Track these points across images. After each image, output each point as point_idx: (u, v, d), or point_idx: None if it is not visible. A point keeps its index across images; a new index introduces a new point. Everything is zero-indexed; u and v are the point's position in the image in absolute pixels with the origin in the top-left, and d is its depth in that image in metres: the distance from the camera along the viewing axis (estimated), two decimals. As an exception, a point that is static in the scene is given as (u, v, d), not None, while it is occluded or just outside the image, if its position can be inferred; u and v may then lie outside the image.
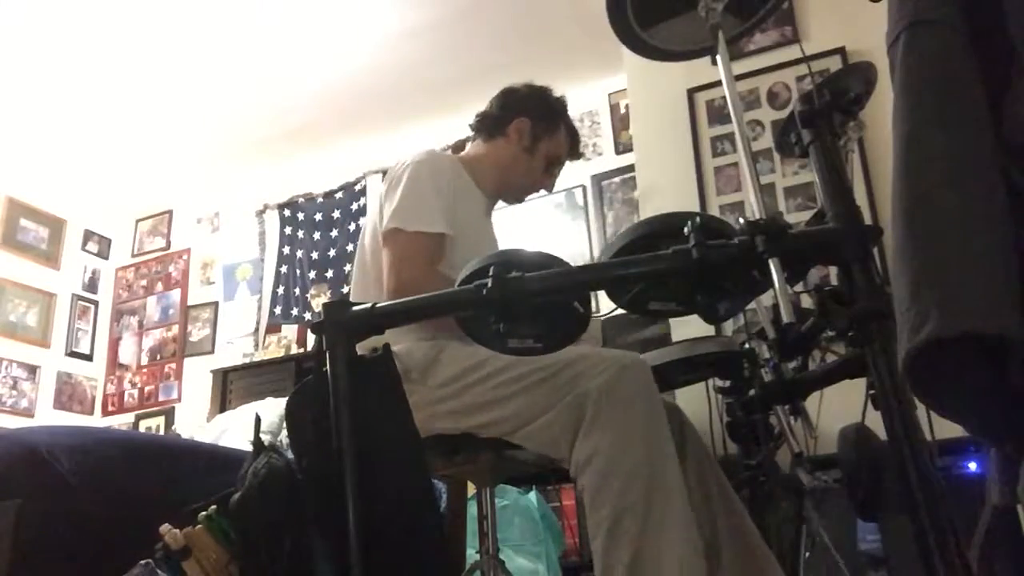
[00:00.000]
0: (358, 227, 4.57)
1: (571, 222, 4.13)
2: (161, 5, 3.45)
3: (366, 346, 1.16)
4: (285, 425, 1.19)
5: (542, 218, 4.07)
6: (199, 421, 4.32)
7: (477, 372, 1.43)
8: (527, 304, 1.04)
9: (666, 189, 3.01)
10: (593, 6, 1.84)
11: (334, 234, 4.69)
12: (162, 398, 4.91)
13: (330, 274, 4.63)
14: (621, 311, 1.21)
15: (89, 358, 5.08)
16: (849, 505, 1.33)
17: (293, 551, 1.11)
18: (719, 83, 2.40)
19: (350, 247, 4.57)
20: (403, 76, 4.03)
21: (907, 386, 0.80)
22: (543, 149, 1.82)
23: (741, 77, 2.85)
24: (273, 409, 3.16)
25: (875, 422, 1.02)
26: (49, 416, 4.67)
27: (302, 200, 4.85)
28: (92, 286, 5.20)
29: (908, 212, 0.78)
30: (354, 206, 4.66)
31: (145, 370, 5.03)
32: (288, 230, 4.86)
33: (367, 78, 4.04)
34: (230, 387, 4.18)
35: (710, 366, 1.74)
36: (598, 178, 4.13)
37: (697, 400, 2.10)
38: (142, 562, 1.12)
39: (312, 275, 4.68)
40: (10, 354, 4.60)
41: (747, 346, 1.56)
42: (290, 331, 4.66)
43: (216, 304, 4.97)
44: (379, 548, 1.04)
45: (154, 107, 4.17)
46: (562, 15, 3.65)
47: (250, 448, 1.25)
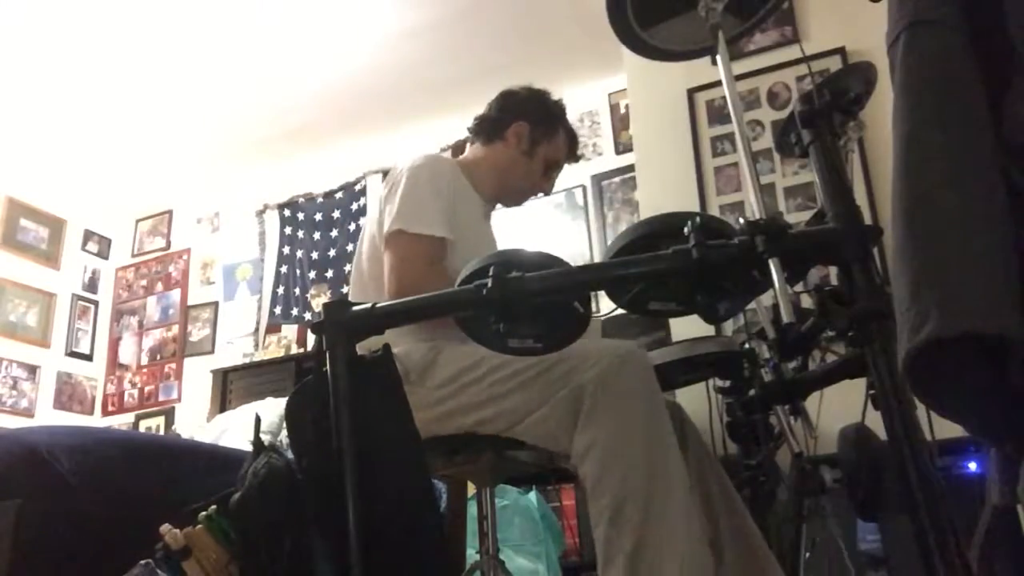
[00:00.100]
0: (358, 227, 4.57)
1: (571, 222, 4.13)
2: (161, 5, 3.45)
3: (366, 346, 1.16)
4: (285, 425, 1.19)
5: (542, 218, 4.07)
6: (199, 421, 4.32)
7: (474, 371, 1.44)
8: (527, 304, 1.04)
9: (666, 189, 3.01)
10: (593, 6, 1.84)
11: (334, 234, 4.70)
12: (162, 398, 4.90)
13: (330, 274, 4.63)
14: (621, 311, 1.20)
15: (89, 358, 5.08)
16: (849, 505, 1.33)
17: (293, 551, 1.11)
18: (719, 83, 2.41)
19: (350, 247, 4.57)
20: (403, 76, 4.03)
21: (907, 386, 0.80)
22: (542, 153, 1.82)
23: (741, 77, 2.85)
24: (273, 409, 3.16)
25: (875, 422, 1.02)
26: (49, 416, 4.67)
27: (302, 200, 4.85)
28: (92, 286, 5.20)
29: (908, 212, 0.78)
30: (354, 206, 4.66)
31: (145, 370, 5.03)
32: (288, 230, 4.86)
33: (367, 78, 4.05)
34: (230, 387, 4.18)
35: (710, 366, 1.74)
36: (598, 178, 4.13)
37: (697, 400, 2.10)
38: (142, 562, 1.12)
39: (312, 275, 4.68)
40: (10, 354, 4.60)
41: (747, 346, 1.56)
42: (290, 331, 4.66)
43: (216, 304, 4.97)
44: (379, 548, 1.04)
45: (154, 107, 4.17)
46: (562, 15, 3.65)
47: (250, 448, 1.25)
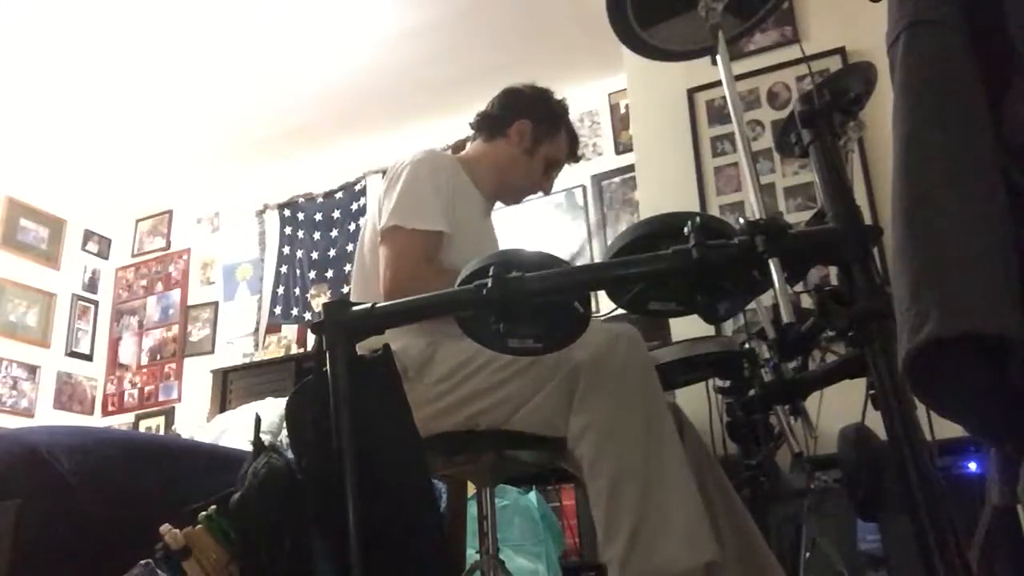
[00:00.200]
0: (358, 227, 4.57)
1: (571, 222, 4.13)
2: (161, 5, 3.45)
3: (366, 346, 1.16)
4: (285, 425, 1.19)
5: (542, 218, 4.07)
6: (199, 421, 4.32)
7: (471, 364, 1.44)
8: (527, 304, 1.04)
9: (666, 189, 3.01)
10: (593, 6, 1.84)
11: (334, 234, 4.70)
12: (162, 398, 4.90)
13: (330, 274, 4.63)
14: (621, 311, 1.21)
15: (89, 358, 5.08)
16: (849, 505, 1.33)
17: (293, 551, 1.11)
18: (719, 83, 2.41)
19: (350, 247, 4.57)
20: (403, 76, 4.03)
21: (907, 386, 0.80)
22: (543, 152, 1.82)
23: (741, 77, 2.85)
24: (273, 409, 3.16)
25: (875, 422, 1.02)
26: (49, 416, 4.67)
27: (302, 200, 4.85)
28: (92, 286, 5.20)
29: (908, 212, 0.78)
30: (354, 206, 4.66)
31: (145, 370, 5.03)
32: (288, 230, 4.86)
33: (367, 78, 4.05)
34: (230, 387, 4.18)
35: (710, 366, 1.74)
36: (598, 178, 4.13)
37: (697, 400, 2.10)
38: (142, 562, 1.12)
39: (312, 275, 4.68)
40: (10, 354, 4.60)
41: (747, 346, 1.56)
42: (290, 331, 4.66)
43: (216, 304, 4.97)
44: (379, 548, 1.04)
45: (154, 107, 4.17)
46: (562, 15, 3.65)
47: (250, 448, 1.25)
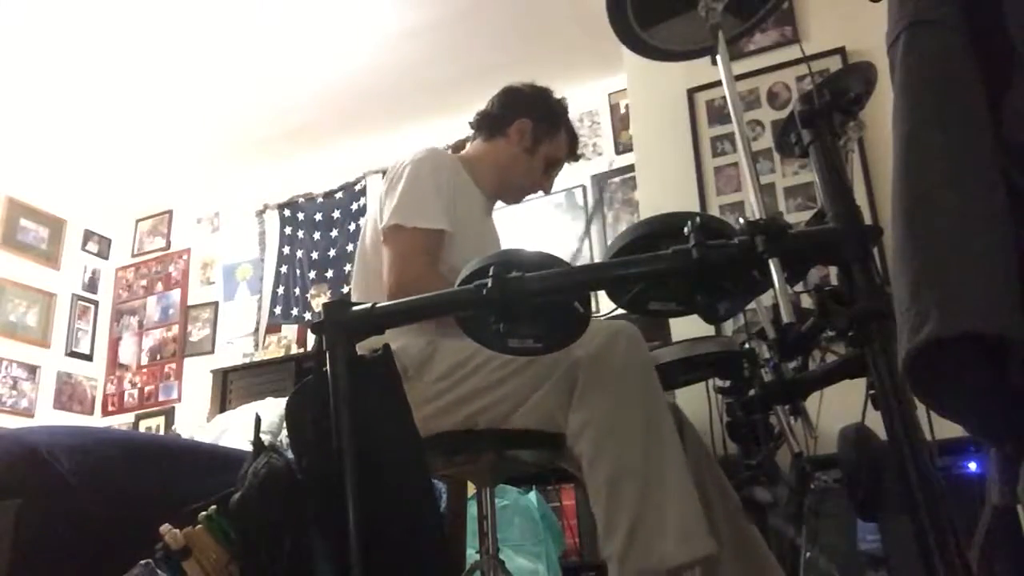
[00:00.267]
0: (358, 227, 4.57)
1: (571, 222, 4.13)
2: (161, 5, 3.45)
3: (366, 346, 1.16)
4: (285, 425, 1.19)
5: (542, 218, 4.07)
6: (199, 421, 4.32)
7: (471, 363, 1.44)
8: (527, 304, 1.04)
9: (666, 189, 3.01)
10: (593, 6, 1.84)
11: (334, 234, 4.69)
12: (162, 398, 4.90)
13: (330, 274, 4.63)
14: (621, 311, 1.21)
15: (89, 358, 5.08)
16: (849, 505, 1.33)
17: (293, 551, 1.11)
18: (719, 83, 2.41)
19: (350, 247, 4.57)
20: (403, 76, 4.03)
21: (907, 386, 0.80)
22: (543, 151, 1.83)
23: (741, 77, 2.84)
24: (273, 409, 3.16)
25: (875, 422, 1.02)
26: (49, 416, 4.67)
27: (302, 200, 4.85)
28: (92, 286, 5.20)
29: (908, 212, 0.78)
30: (354, 206, 4.66)
31: (145, 370, 5.03)
32: (288, 230, 4.86)
33: (367, 78, 4.04)
34: (230, 387, 4.18)
35: (710, 366, 1.74)
36: (598, 178, 4.13)
37: (697, 400, 2.10)
38: (142, 562, 1.12)
39: (312, 275, 4.68)
40: (10, 354, 4.60)
41: (747, 346, 1.56)
42: (290, 331, 4.66)
43: (216, 304, 4.97)
44: (379, 548, 1.04)
45: (154, 107, 4.17)
46: (562, 15, 3.65)
47: (250, 448, 1.25)
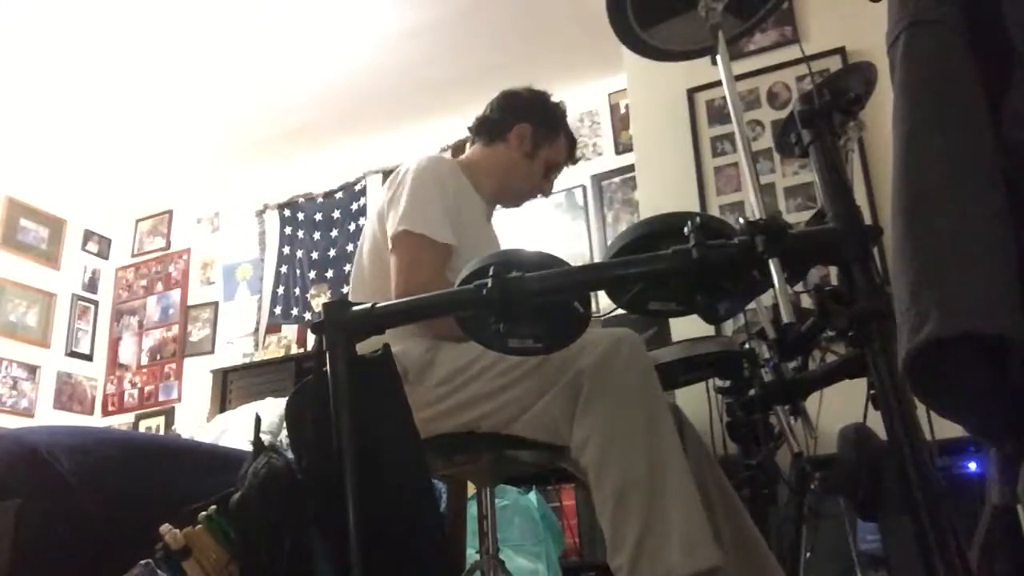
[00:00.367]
0: (358, 227, 4.57)
1: (571, 222, 4.13)
2: (161, 5, 3.45)
3: (366, 346, 1.16)
4: (285, 425, 1.19)
5: (542, 218, 4.07)
6: (199, 421, 4.32)
7: (473, 367, 1.44)
8: (527, 304, 1.04)
9: (666, 189, 3.01)
10: (593, 6, 1.84)
11: (334, 234, 4.69)
12: (162, 398, 4.90)
13: (330, 274, 4.63)
14: (621, 311, 1.21)
15: (89, 358, 5.08)
16: (849, 505, 1.33)
17: (293, 551, 1.11)
18: (719, 83, 2.41)
19: (350, 247, 4.57)
20: (403, 76, 4.03)
21: (907, 386, 0.80)
22: (543, 155, 1.83)
23: (741, 77, 2.85)
24: (273, 409, 3.16)
25: (875, 422, 1.02)
26: (49, 416, 4.67)
27: (302, 200, 4.85)
28: (92, 286, 5.20)
29: (908, 212, 0.78)
30: (354, 206, 4.66)
31: (145, 370, 5.03)
32: (288, 230, 4.86)
33: (367, 78, 4.04)
34: (230, 387, 4.18)
35: (710, 366, 1.74)
36: (598, 178, 4.13)
37: (697, 400, 2.10)
38: (142, 562, 1.12)
39: (312, 275, 4.68)
40: (10, 354, 4.60)
41: (747, 346, 1.56)
42: (290, 331, 4.66)
43: (216, 304, 4.97)
44: (379, 548, 1.04)
45: (154, 107, 4.17)
46: (562, 15, 3.65)
47: (250, 448, 1.25)
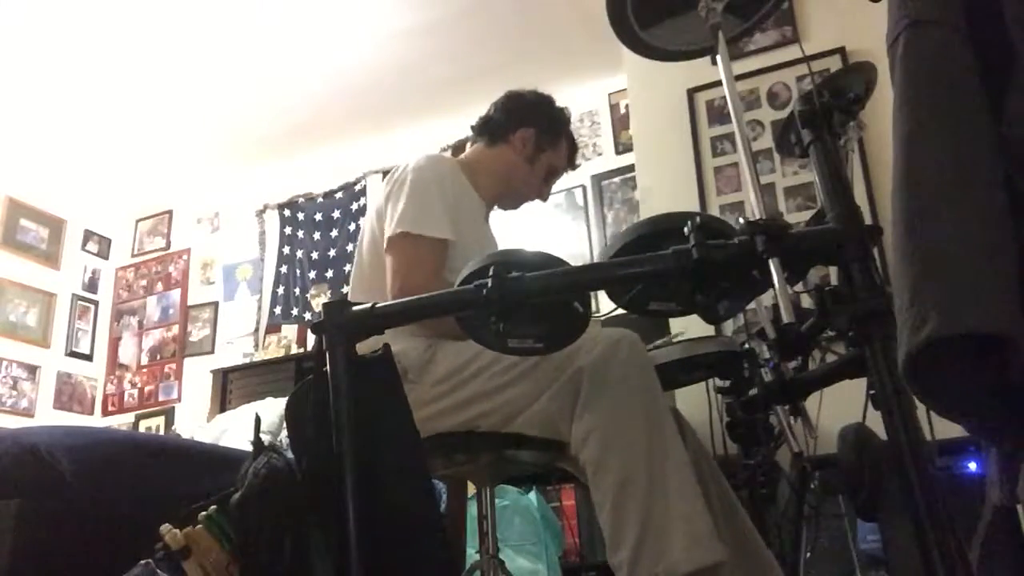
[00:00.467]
0: (358, 227, 4.56)
1: (571, 222, 4.13)
2: (161, 5, 3.45)
3: (366, 346, 1.16)
4: (285, 425, 1.19)
5: (542, 218, 4.06)
6: (199, 421, 4.31)
7: (472, 366, 1.44)
8: (527, 304, 1.04)
9: (666, 189, 3.01)
10: (593, 6, 1.84)
11: (334, 234, 4.69)
12: (162, 398, 4.90)
13: (330, 274, 4.63)
14: (621, 311, 1.21)
15: (89, 358, 5.07)
16: (849, 505, 1.33)
17: (293, 551, 1.11)
18: (719, 83, 2.40)
19: (350, 247, 4.57)
20: (403, 76, 4.03)
21: (907, 386, 0.80)
22: (545, 160, 1.83)
23: (741, 77, 2.84)
24: (273, 409, 3.16)
25: (875, 422, 1.02)
26: (49, 416, 4.66)
27: (302, 200, 4.85)
28: (92, 286, 5.20)
29: (908, 212, 0.78)
30: (354, 206, 4.66)
31: (145, 370, 5.02)
32: (288, 230, 4.86)
33: (367, 78, 4.04)
34: (230, 387, 4.17)
35: (710, 366, 1.74)
36: (598, 178, 4.13)
37: (697, 400, 2.10)
38: (142, 562, 1.12)
39: (312, 275, 4.68)
40: (10, 354, 4.60)
41: (747, 346, 1.56)
42: (290, 331, 4.66)
43: (216, 304, 4.97)
44: (379, 548, 1.04)
45: (154, 107, 4.17)
46: (562, 15, 3.65)
47: (250, 448, 1.25)
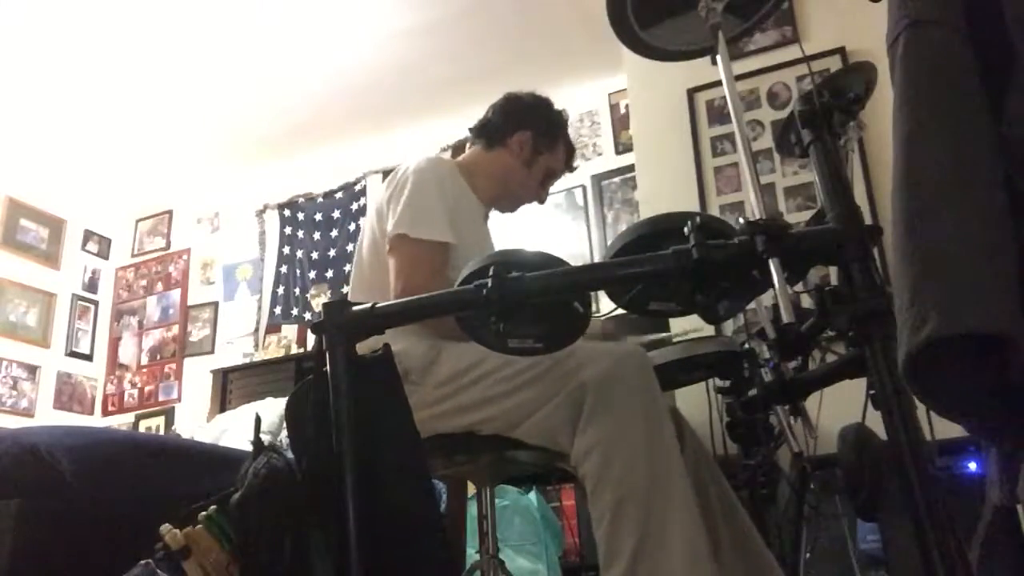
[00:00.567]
0: (358, 227, 4.57)
1: (571, 222, 4.13)
2: (161, 5, 3.45)
3: (367, 346, 1.16)
4: (285, 425, 1.19)
5: (542, 218, 4.07)
6: (199, 421, 4.31)
7: (475, 370, 1.43)
8: (527, 304, 1.04)
9: (666, 189, 3.01)
10: (593, 6, 1.84)
11: (334, 234, 4.70)
12: (162, 398, 4.90)
13: (330, 274, 4.63)
14: (621, 311, 1.21)
15: (89, 358, 5.07)
16: (849, 505, 1.33)
17: (293, 551, 1.11)
18: (719, 83, 2.40)
19: (350, 247, 4.57)
20: (403, 76, 4.03)
21: (907, 386, 0.80)
22: (542, 163, 1.84)
23: (741, 77, 2.84)
24: (273, 409, 3.16)
25: (875, 422, 1.02)
26: (49, 416, 4.67)
27: (302, 200, 4.85)
28: (92, 286, 5.20)
29: (908, 212, 0.78)
30: (354, 206, 4.66)
31: (145, 370, 5.03)
32: (288, 230, 4.86)
33: (367, 78, 4.04)
34: (230, 387, 4.17)
35: (710, 366, 1.74)
36: (598, 178, 4.13)
37: (697, 400, 2.10)
38: (142, 562, 1.12)
39: (312, 275, 4.68)
40: (10, 354, 4.60)
41: (747, 346, 1.56)
42: (290, 331, 4.66)
43: (216, 304, 4.97)
44: (379, 548, 1.04)
45: (154, 107, 4.17)
46: (562, 15, 3.65)
47: (250, 448, 1.25)
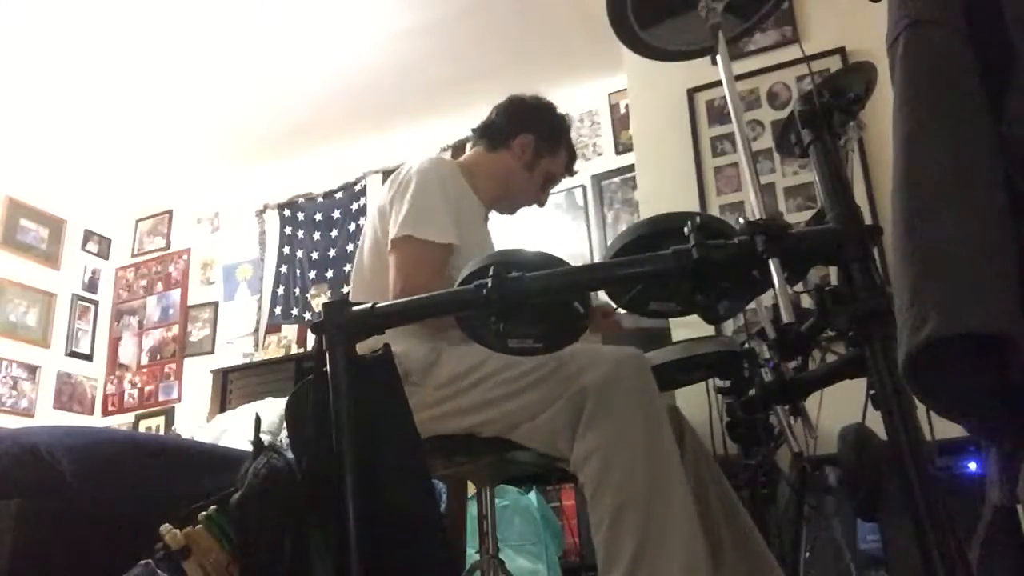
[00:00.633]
0: (358, 227, 4.57)
1: (571, 222, 4.13)
2: (161, 5, 3.45)
3: (367, 346, 1.16)
4: (285, 425, 1.19)
5: (542, 218, 4.07)
6: (199, 421, 4.31)
7: (476, 372, 1.43)
8: (527, 304, 1.04)
9: (666, 189, 3.01)
10: (593, 6, 1.84)
11: (334, 234, 4.70)
12: (162, 398, 4.90)
13: (330, 274, 4.63)
14: (621, 311, 1.21)
15: (89, 358, 5.07)
16: (849, 505, 1.33)
17: (293, 551, 1.11)
18: (719, 83, 2.40)
19: (350, 247, 4.57)
20: (403, 76, 4.03)
21: (907, 386, 0.80)
22: (543, 166, 1.84)
23: (741, 77, 2.84)
24: (273, 409, 3.16)
25: (875, 422, 1.02)
26: (49, 416, 4.67)
27: (302, 200, 4.85)
28: (92, 286, 5.20)
29: (908, 212, 0.78)
30: (354, 206, 4.66)
31: (145, 370, 5.03)
32: (288, 230, 4.86)
33: (367, 78, 4.04)
34: (230, 387, 4.17)
35: (710, 366, 1.74)
36: (598, 178, 4.13)
37: (697, 400, 2.10)
38: (142, 562, 1.12)
39: (312, 275, 4.68)
40: (10, 354, 4.60)
41: (747, 346, 1.56)
42: (290, 331, 4.66)
43: (216, 304, 4.97)
44: (379, 548, 1.04)
45: (154, 107, 4.17)
46: (562, 15, 3.65)
47: (250, 448, 1.25)
